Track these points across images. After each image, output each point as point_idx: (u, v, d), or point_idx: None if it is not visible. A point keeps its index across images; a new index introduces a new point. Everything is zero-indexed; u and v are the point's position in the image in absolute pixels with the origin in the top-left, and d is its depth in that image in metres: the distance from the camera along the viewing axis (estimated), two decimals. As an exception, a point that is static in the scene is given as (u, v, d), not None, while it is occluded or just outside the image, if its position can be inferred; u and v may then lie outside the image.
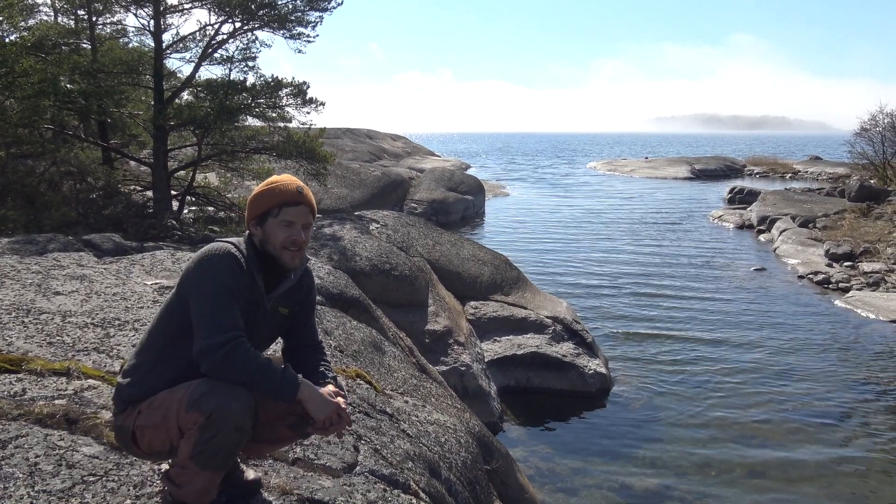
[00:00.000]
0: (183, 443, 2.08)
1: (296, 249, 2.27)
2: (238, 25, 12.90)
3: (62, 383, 3.05)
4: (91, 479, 2.35)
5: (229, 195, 14.15)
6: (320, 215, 10.32)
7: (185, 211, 13.74)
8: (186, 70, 14.44)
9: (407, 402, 4.50)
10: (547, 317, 9.37)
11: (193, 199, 13.95)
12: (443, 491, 3.48)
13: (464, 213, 24.59)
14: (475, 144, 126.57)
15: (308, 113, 13.12)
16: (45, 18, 14.67)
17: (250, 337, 2.16)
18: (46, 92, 10.86)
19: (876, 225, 18.40)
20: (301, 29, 12.97)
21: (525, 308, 9.57)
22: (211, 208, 13.87)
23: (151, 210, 12.69)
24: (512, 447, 6.51)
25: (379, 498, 2.83)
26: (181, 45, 13.43)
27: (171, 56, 13.71)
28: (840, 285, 14.15)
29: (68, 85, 12.16)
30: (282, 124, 13.30)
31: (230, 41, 13.07)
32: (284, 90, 12.86)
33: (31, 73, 10.48)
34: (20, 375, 3.05)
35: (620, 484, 6.48)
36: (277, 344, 2.54)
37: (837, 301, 13.28)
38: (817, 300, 13.45)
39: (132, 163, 16.17)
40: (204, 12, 12.82)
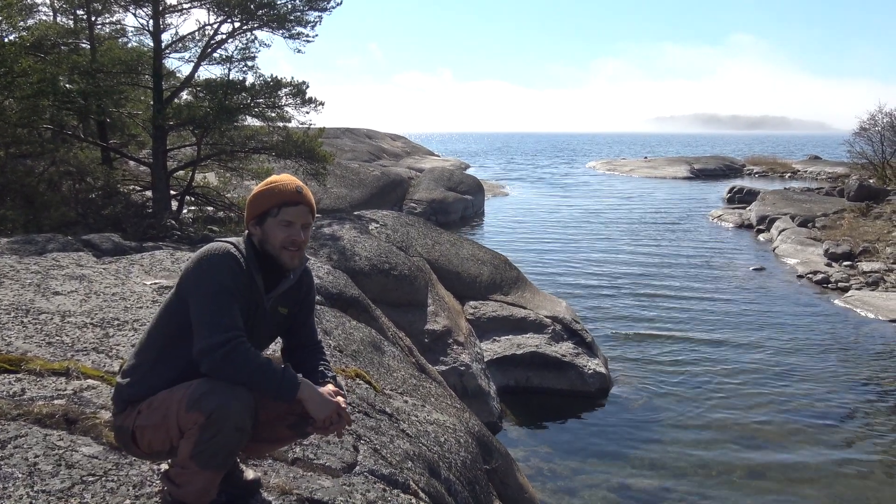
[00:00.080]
0: (183, 443, 2.08)
1: (295, 249, 2.27)
2: (237, 25, 12.90)
3: (61, 383, 3.04)
4: (90, 479, 2.35)
5: (228, 195, 14.14)
6: (320, 215, 10.32)
7: (185, 211, 13.73)
8: (185, 70, 14.46)
9: (406, 402, 4.50)
10: (546, 316, 9.37)
11: (193, 199, 13.94)
12: (442, 491, 3.48)
13: (463, 213, 24.59)
14: (475, 144, 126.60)
15: (307, 113, 13.14)
16: (44, 18, 14.69)
17: (250, 337, 2.16)
18: (45, 92, 10.85)
19: (875, 224, 18.40)
20: (300, 29, 12.99)
21: (524, 308, 9.58)
22: (210, 208, 13.86)
23: (150, 210, 12.68)
24: (511, 447, 6.51)
25: (378, 498, 2.83)
26: (180, 45, 13.46)
27: (171, 56, 13.75)
28: (839, 285, 14.16)
29: (67, 85, 12.15)
30: (281, 124, 13.31)
31: (229, 41, 13.10)
32: (284, 90, 12.86)
33: (31, 73, 10.47)
34: (19, 375, 3.05)
35: (620, 484, 6.48)
36: (277, 344, 2.54)
37: (836, 301, 13.29)
38: (816, 300, 13.46)
39: (131, 163, 16.16)
40: (203, 12, 12.85)
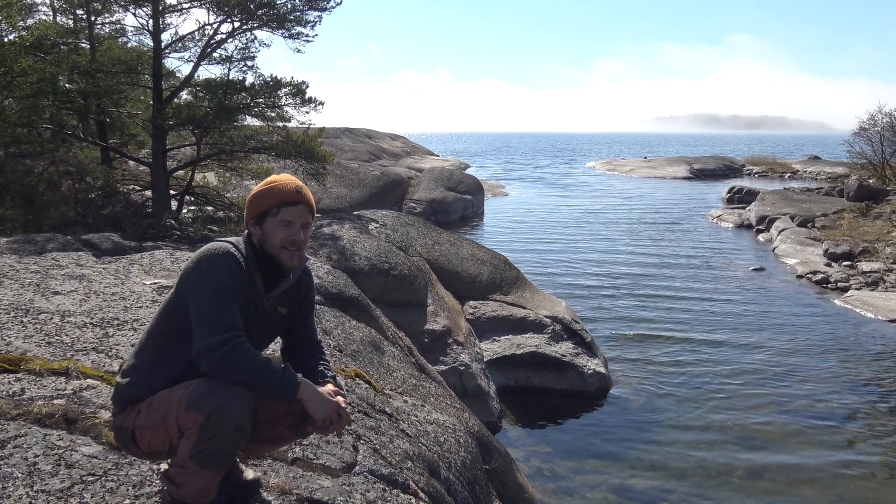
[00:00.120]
0: (182, 442, 2.08)
1: (294, 249, 2.27)
2: (237, 25, 12.90)
3: (61, 383, 3.04)
4: (90, 479, 2.35)
5: (228, 195, 14.14)
6: (319, 215, 10.32)
7: (184, 210, 13.73)
8: (185, 70, 14.45)
9: (406, 402, 4.50)
10: (546, 316, 9.37)
11: (192, 199, 13.94)
12: (442, 490, 3.48)
13: (463, 213, 24.58)
14: (474, 144, 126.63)
15: (307, 112, 13.13)
16: (44, 18, 14.67)
17: (249, 336, 2.15)
18: (45, 91, 10.85)
19: (874, 224, 18.41)
20: (300, 28, 12.99)
21: (524, 308, 9.58)
22: (210, 208, 13.86)
23: (150, 210, 12.68)
24: (511, 447, 6.51)
25: (378, 497, 2.83)
26: (180, 45, 13.45)
27: (170, 56, 13.75)
28: (839, 285, 14.17)
29: (67, 84, 12.15)
30: (281, 124, 13.30)
31: (229, 41, 13.09)
32: (283, 90, 12.86)
33: (30, 73, 10.47)
34: (19, 375, 3.05)
35: (620, 484, 6.48)
36: (276, 343, 2.54)
37: (836, 301, 13.29)
38: (816, 300, 13.46)
39: (131, 162, 16.16)
40: (203, 12, 12.84)
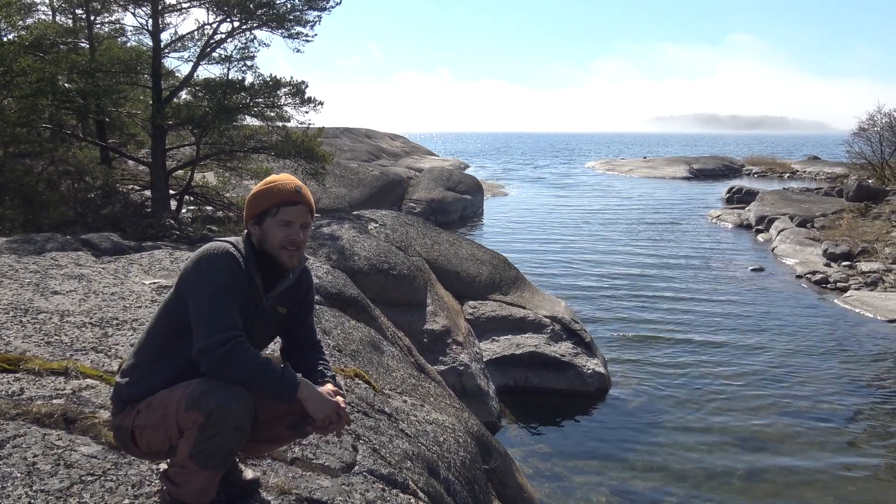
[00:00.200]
0: (182, 442, 2.07)
1: (294, 249, 2.27)
2: (236, 25, 12.89)
3: (60, 383, 3.04)
4: (89, 479, 2.35)
5: (227, 194, 14.14)
6: (319, 215, 10.31)
7: (184, 210, 13.73)
8: (185, 69, 14.45)
9: (405, 402, 4.50)
10: (545, 316, 9.37)
11: (192, 199, 13.94)
12: (441, 490, 3.48)
13: (462, 213, 24.58)
14: (474, 144, 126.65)
15: (307, 112, 13.13)
16: (43, 17, 14.64)
17: (249, 336, 2.15)
18: (44, 91, 10.85)
19: (874, 224, 18.42)
20: (299, 28, 12.98)
21: (523, 308, 9.58)
22: (209, 208, 13.86)
23: (150, 209, 12.67)
24: (510, 447, 6.51)
25: (377, 497, 2.83)
26: (179, 45, 13.45)
27: (170, 55, 13.74)
28: (838, 285, 14.17)
29: (66, 84, 12.14)
30: (280, 124, 13.30)
31: (228, 40, 13.08)
32: (283, 89, 12.86)
33: (29, 73, 10.47)
34: (18, 375, 3.05)
35: (619, 484, 6.48)
36: (276, 343, 2.54)
37: (835, 301, 13.29)
38: (815, 300, 13.47)
39: (130, 162, 16.15)
40: (202, 11, 12.83)
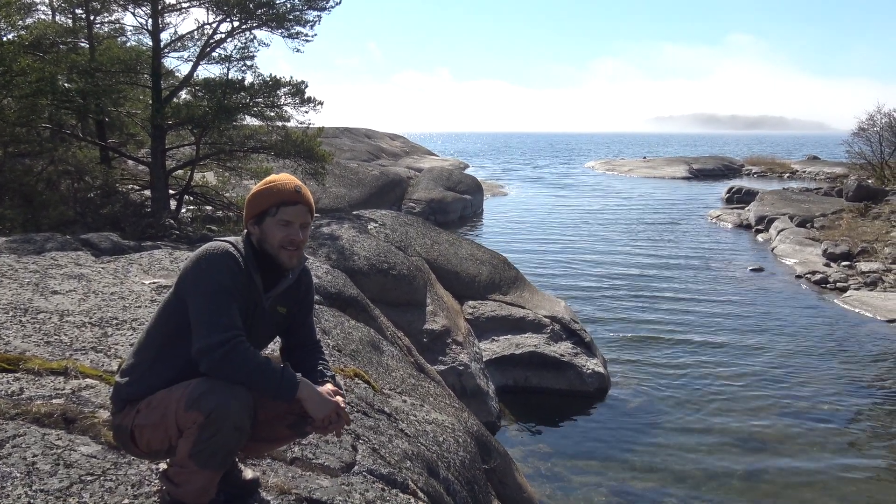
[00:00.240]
0: (182, 442, 2.07)
1: (293, 249, 2.27)
2: (236, 24, 12.89)
3: (60, 382, 3.04)
4: (89, 479, 2.35)
5: (227, 194, 14.14)
6: (318, 214, 10.31)
7: (183, 210, 13.72)
8: (184, 69, 14.45)
9: (405, 402, 4.50)
10: (545, 316, 9.37)
11: (191, 199, 13.93)
12: (441, 490, 3.48)
13: (462, 213, 24.58)
14: (473, 144, 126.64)
15: (306, 112, 13.13)
16: (43, 17, 14.64)
17: (249, 336, 2.15)
18: (44, 91, 10.85)
19: (873, 225, 18.42)
20: (299, 28, 12.98)
21: (523, 307, 9.57)
22: (209, 207, 13.85)
23: (149, 209, 12.67)
24: (510, 446, 6.51)
25: (377, 497, 2.83)
26: (179, 44, 13.45)
27: (169, 55, 13.74)
28: (838, 285, 14.18)
29: (66, 84, 12.14)
30: (280, 123, 13.30)
31: (228, 40, 13.08)
32: (283, 89, 12.86)
33: (29, 72, 10.47)
34: (17, 375, 3.05)
35: (618, 484, 6.48)
36: (275, 343, 2.54)
37: (835, 301, 13.30)
38: (815, 300, 13.47)
39: (130, 162, 16.15)
40: (202, 11, 12.83)
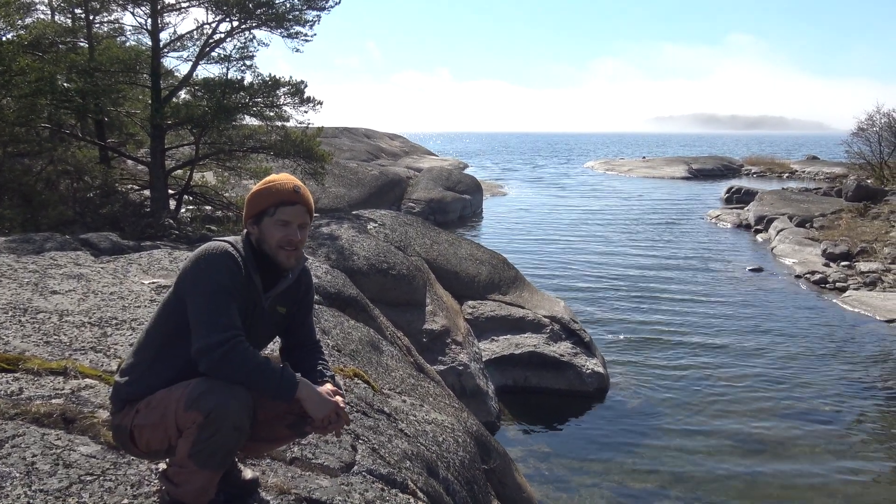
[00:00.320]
0: (181, 442, 2.07)
1: (292, 249, 2.27)
2: (235, 24, 12.89)
3: (59, 382, 3.04)
4: (88, 479, 2.34)
5: (227, 194, 14.13)
6: (318, 214, 10.31)
7: (183, 210, 13.72)
8: (184, 69, 14.46)
9: (405, 402, 4.50)
10: (544, 316, 9.37)
11: (191, 198, 13.93)
12: (440, 490, 3.48)
13: (461, 213, 24.59)
14: (473, 144, 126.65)
15: (306, 112, 13.13)
16: (42, 17, 14.63)
17: (248, 336, 2.15)
18: (43, 90, 10.84)
19: (873, 224, 18.43)
20: (299, 28, 12.97)
21: (523, 307, 9.58)
22: (208, 207, 13.85)
23: (149, 209, 12.66)
24: (510, 446, 6.51)
25: (377, 497, 2.83)
26: (178, 44, 13.44)
27: (169, 55, 13.72)
28: (837, 285, 14.18)
29: (65, 83, 12.13)
30: (279, 123, 13.30)
31: (228, 40, 13.08)
32: (282, 89, 12.86)
33: (28, 72, 10.46)
34: (17, 374, 3.04)
35: (618, 483, 6.49)
36: (275, 343, 2.54)
37: (835, 301, 13.31)
38: (814, 300, 13.48)
39: (129, 162, 16.14)
40: (201, 11, 12.83)
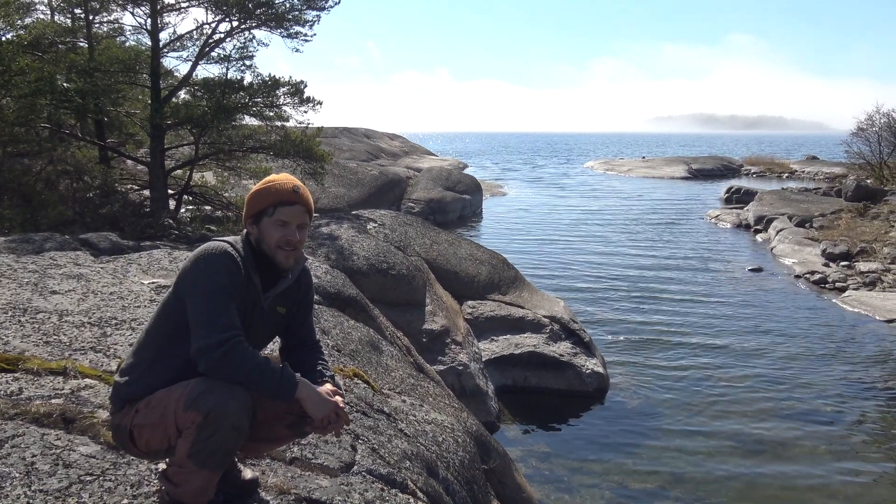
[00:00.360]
0: (180, 442, 2.07)
1: (290, 249, 2.26)
2: (235, 24, 12.89)
3: (59, 383, 3.04)
4: (88, 479, 2.34)
5: (226, 194, 14.13)
6: (317, 214, 10.30)
7: (182, 210, 13.72)
8: (183, 69, 14.45)
9: (404, 402, 4.50)
10: (544, 316, 9.37)
11: (190, 199, 13.93)
12: (440, 490, 3.48)
13: (461, 213, 24.59)
14: (473, 144, 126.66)
15: (305, 112, 13.13)
16: (42, 17, 14.63)
17: (248, 336, 2.15)
18: (43, 90, 10.84)
19: (872, 224, 18.44)
20: (298, 28, 12.97)
21: (522, 307, 9.58)
22: (208, 207, 13.85)
23: (148, 209, 12.66)
24: (509, 446, 6.51)
25: (376, 497, 2.83)
26: (178, 44, 13.44)
27: (168, 55, 13.72)
28: (837, 285, 14.19)
29: (65, 83, 12.13)
30: (279, 123, 13.30)
31: (227, 40, 13.07)
32: (282, 89, 12.85)
33: (28, 72, 10.46)
34: (17, 375, 3.04)
35: (618, 484, 6.49)
36: (275, 343, 2.54)
37: (834, 301, 13.31)
38: (814, 300, 13.48)
39: (129, 162, 16.14)
40: (201, 11, 12.84)
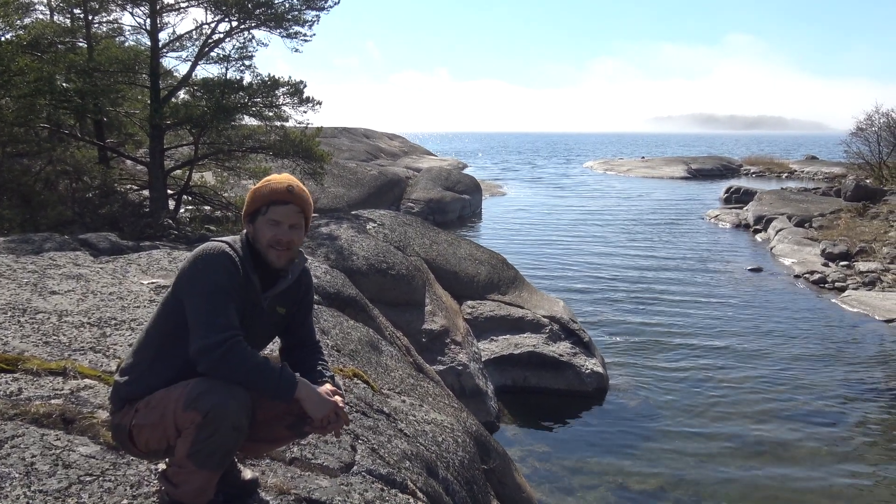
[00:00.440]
0: (180, 442, 2.07)
1: (281, 249, 2.25)
2: (234, 24, 12.88)
3: (58, 383, 3.04)
4: (88, 479, 2.34)
5: (226, 194, 14.13)
6: (317, 214, 10.31)
7: (182, 210, 13.72)
8: (183, 69, 14.44)
9: (404, 402, 4.50)
10: (544, 316, 9.38)
11: (190, 199, 13.93)
12: (440, 490, 3.48)
13: (461, 213, 24.59)
14: (472, 144, 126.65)
15: (305, 112, 13.13)
16: (41, 17, 14.61)
17: (247, 336, 2.15)
18: (42, 91, 10.84)
19: (872, 224, 18.45)
20: (298, 28, 12.97)
21: (522, 307, 9.58)
22: (207, 207, 13.85)
23: (148, 209, 12.66)
24: (509, 446, 6.51)
25: (376, 497, 2.83)
26: (177, 44, 13.43)
27: (168, 55, 13.72)
28: (836, 285, 14.19)
29: (64, 84, 12.13)
30: (278, 123, 13.30)
31: (227, 40, 13.07)
32: (281, 89, 12.85)
33: (27, 72, 10.45)
34: (16, 375, 3.04)
35: (617, 483, 6.49)
36: (274, 343, 2.54)
37: (834, 301, 13.32)
38: (813, 300, 13.49)
39: (128, 162, 16.13)
40: (200, 11, 12.84)
